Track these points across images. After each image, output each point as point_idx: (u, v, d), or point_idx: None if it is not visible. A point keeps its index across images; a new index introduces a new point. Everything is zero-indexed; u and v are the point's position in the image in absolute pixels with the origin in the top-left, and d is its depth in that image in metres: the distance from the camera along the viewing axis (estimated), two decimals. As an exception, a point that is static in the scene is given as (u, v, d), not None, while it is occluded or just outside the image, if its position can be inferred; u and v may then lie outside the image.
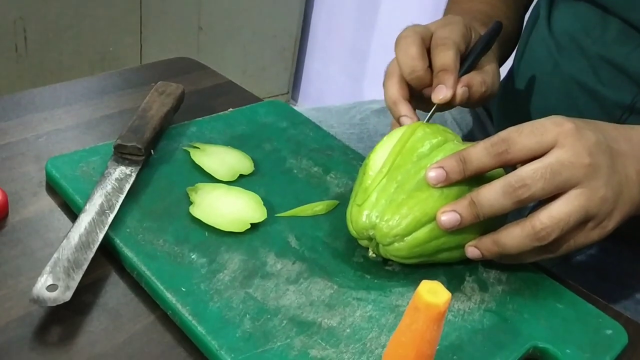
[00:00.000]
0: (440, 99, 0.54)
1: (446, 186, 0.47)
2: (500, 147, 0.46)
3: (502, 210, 0.46)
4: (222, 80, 0.77)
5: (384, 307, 0.46)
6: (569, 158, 0.45)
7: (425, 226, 0.47)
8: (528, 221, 0.46)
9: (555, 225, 0.45)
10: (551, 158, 0.45)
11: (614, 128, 0.50)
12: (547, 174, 0.45)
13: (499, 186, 0.45)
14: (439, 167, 0.47)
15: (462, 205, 0.46)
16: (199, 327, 0.42)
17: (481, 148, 0.47)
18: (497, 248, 0.47)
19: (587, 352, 0.46)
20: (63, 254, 0.44)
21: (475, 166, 0.47)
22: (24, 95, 0.66)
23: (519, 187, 0.45)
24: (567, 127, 0.46)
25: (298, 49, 2.17)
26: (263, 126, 0.65)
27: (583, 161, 0.45)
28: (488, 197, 0.45)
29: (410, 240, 0.47)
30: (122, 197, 0.50)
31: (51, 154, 0.56)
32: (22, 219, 0.50)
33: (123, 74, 0.74)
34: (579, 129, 0.46)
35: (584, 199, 0.45)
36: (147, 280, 0.45)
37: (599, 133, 0.47)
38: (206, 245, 0.48)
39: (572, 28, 0.66)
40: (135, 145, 0.54)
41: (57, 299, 0.41)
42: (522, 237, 0.46)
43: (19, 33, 1.49)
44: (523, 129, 0.46)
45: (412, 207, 0.47)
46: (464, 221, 0.46)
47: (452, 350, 0.44)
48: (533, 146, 0.46)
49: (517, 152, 0.46)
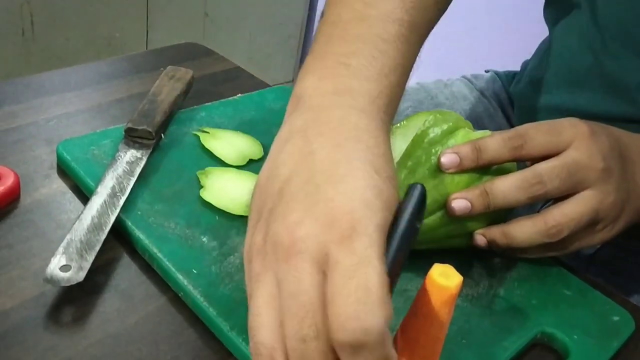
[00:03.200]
0: None
1: (457, 173, 0.47)
2: (516, 141, 0.47)
3: (515, 203, 0.46)
4: (230, 65, 0.77)
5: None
6: (584, 160, 0.46)
7: (435, 214, 0.47)
8: (541, 217, 0.46)
9: (568, 223, 0.46)
10: (568, 158, 0.46)
11: (628, 136, 0.50)
12: (563, 173, 0.45)
13: (514, 180, 0.46)
14: (454, 153, 0.47)
15: (474, 194, 0.46)
16: (210, 308, 0.42)
17: (498, 139, 0.47)
18: (505, 240, 0.47)
19: (594, 338, 0.46)
20: (76, 235, 0.44)
21: (489, 156, 0.47)
22: (33, 78, 0.67)
23: (535, 182, 0.45)
24: (583, 129, 0.47)
25: (304, 37, 2.16)
26: (272, 112, 0.65)
27: (597, 165, 0.46)
28: (503, 189, 0.46)
29: (421, 226, 0.47)
30: (133, 180, 0.50)
31: (62, 137, 0.56)
32: (33, 200, 0.50)
33: (132, 59, 0.74)
34: (594, 133, 0.47)
35: (596, 201, 0.46)
36: (159, 262, 0.45)
37: (613, 139, 0.48)
38: (217, 228, 0.49)
39: (627, 18, 0.59)
40: (146, 129, 0.55)
41: (70, 279, 0.41)
42: (532, 232, 0.46)
43: (26, 17, 1.49)
44: (541, 127, 0.47)
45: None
46: (474, 209, 0.46)
47: (461, 334, 0.44)
48: (548, 145, 0.46)
49: (532, 149, 0.47)
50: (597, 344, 0.46)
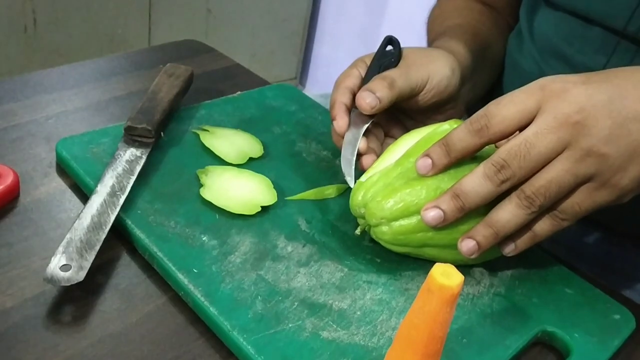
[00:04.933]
0: (365, 104, 0.52)
1: (438, 174, 0.46)
2: (479, 123, 0.44)
3: (489, 195, 0.44)
4: (230, 63, 0.77)
5: (393, 290, 0.47)
6: (548, 124, 0.42)
7: (414, 216, 0.46)
8: (515, 193, 0.44)
9: (539, 193, 0.43)
10: (528, 130, 0.43)
11: (634, 87, 0.44)
12: (521, 150, 0.42)
13: (480, 171, 0.44)
14: (425, 156, 0.46)
15: (444, 200, 0.45)
16: (211, 308, 0.42)
17: (462, 128, 0.45)
18: (491, 229, 0.45)
19: (595, 337, 0.46)
20: (76, 235, 0.44)
21: (459, 147, 0.45)
22: (32, 76, 0.67)
23: (500, 168, 0.43)
24: (551, 88, 0.43)
25: (307, 34, 2.16)
26: (272, 109, 0.65)
27: (568, 120, 0.42)
28: (472, 184, 0.44)
29: (397, 226, 0.47)
30: (133, 179, 0.50)
31: (61, 135, 0.56)
32: (33, 199, 0.50)
33: (131, 56, 0.74)
34: (565, 90, 0.43)
35: (569, 162, 0.42)
36: (159, 261, 0.45)
37: (605, 86, 0.43)
38: (217, 227, 0.49)
39: (555, 37, 0.63)
40: (146, 127, 0.54)
41: (70, 279, 0.41)
42: (512, 208, 0.44)
43: (28, 14, 1.49)
44: (502, 100, 0.44)
45: (405, 194, 0.46)
46: (447, 216, 0.45)
47: (462, 333, 0.44)
48: (514, 116, 0.43)
49: (497, 125, 0.43)
50: (598, 343, 0.46)
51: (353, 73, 0.56)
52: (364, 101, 0.52)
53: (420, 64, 0.55)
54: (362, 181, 0.49)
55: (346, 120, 0.53)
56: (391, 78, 0.53)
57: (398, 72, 0.54)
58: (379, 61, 0.55)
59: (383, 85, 0.52)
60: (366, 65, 0.56)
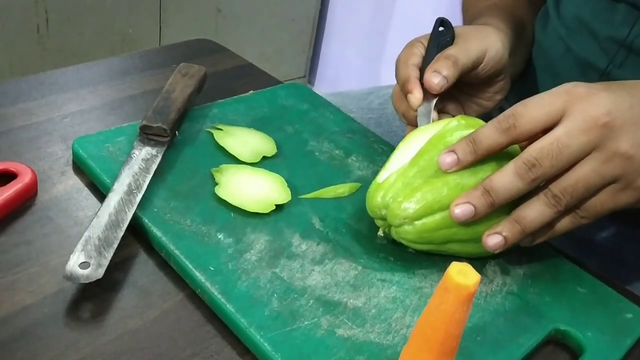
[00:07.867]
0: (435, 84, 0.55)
1: (460, 171, 0.47)
2: (507, 122, 0.45)
3: (518, 192, 0.45)
4: (242, 62, 0.77)
5: (407, 288, 0.47)
6: (578, 126, 0.44)
7: (437, 214, 0.47)
8: (543, 191, 0.45)
9: (566, 192, 0.44)
10: (558, 131, 0.44)
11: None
12: (553, 149, 0.44)
13: (511, 169, 0.45)
14: (451, 151, 0.47)
15: (475, 196, 0.45)
16: (227, 305, 0.42)
17: (489, 126, 0.46)
18: (518, 225, 0.46)
19: (608, 335, 0.46)
20: (94, 233, 0.45)
21: (485, 145, 0.46)
22: (47, 75, 0.67)
23: (531, 166, 0.44)
24: (576, 92, 0.45)
25: (315, 32, 2.16)
26: (284, 108, 0.66)
27: (597, 122, 0.44)
28: (502, 181, 0.45)
29: (420, 225, 0.47)
30: (149, 177, 0.51)
31: (77, 134, 0.57)
32: (50, 197, 0.51)
33: (144, 56, 0.75)
34: (591, 94, 0.45)
35: (596, 163, 0.44)
36: (176, 259, 0.45)
37: (624, 93, 0.45)
38: (232, 225, 0.49)
39: (581, 13, 0.66)
40: (161, 126, 0.55)
41: (89, 276, 0.42)
42: (539, 205, 0.45)
43: (41, 14, 1.50)
44: (529, 102, 0.45)
45: (426, 192, 0.47)
46: (478, 211, 0.45)
47: (476, 331, 0.45)
48: (541, 117, 0.45)
49: (525, 126, 0.45)
50: (611, 342, 0.46)
51: (416, 52, 0.59)
52: (432, 82, 0.55)
53: (476, 38, 0.58)
54: (378, 182, 0.49)
55: (422, 93, 0.56)
56: (454, 56, 0.55)
57: (459, 49, 0.56)
58: (436, 41, 0.58)
59: (448, 65, 0.55)
60: (423, 45, 0.59)
